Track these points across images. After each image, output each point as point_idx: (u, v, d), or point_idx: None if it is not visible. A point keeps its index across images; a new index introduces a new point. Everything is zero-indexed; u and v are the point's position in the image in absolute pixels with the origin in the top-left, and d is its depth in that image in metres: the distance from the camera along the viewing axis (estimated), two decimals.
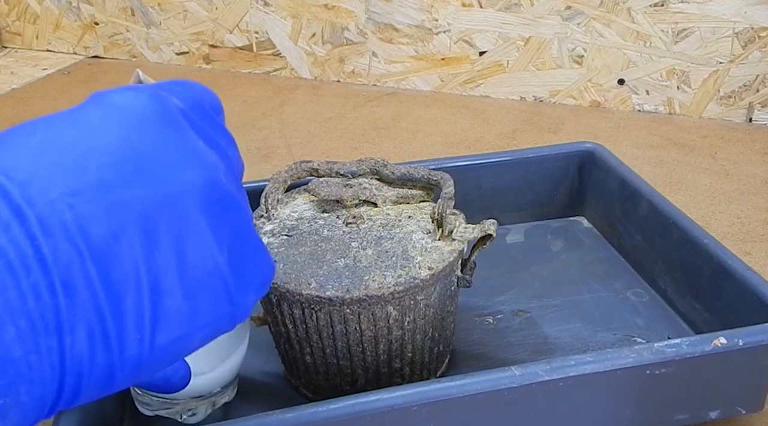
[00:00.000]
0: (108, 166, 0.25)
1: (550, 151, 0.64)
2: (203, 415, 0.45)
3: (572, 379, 0.39)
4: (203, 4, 1.02)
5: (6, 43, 1.14)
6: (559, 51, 0.90)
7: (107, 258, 0.24)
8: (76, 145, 0.25)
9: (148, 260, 0.25)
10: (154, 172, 0.26)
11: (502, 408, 0.39)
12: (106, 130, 0.26)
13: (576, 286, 0.57)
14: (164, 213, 0.26)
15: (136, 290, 0.25)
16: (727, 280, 0.48)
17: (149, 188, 0.25)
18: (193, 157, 0.27)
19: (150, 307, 0.25)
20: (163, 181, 0.26)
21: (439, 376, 0.48)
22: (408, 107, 0.93)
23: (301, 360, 0.45)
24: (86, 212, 0.24)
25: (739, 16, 0.82)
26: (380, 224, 0.46)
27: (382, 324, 0.42)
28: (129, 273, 0.24)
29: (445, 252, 0.43)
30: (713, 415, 0.43)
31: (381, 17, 0.95)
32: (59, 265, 0.23)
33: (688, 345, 0.40)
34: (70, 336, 0.23)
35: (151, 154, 0.26)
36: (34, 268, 0.22)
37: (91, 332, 0.24)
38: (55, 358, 0.23)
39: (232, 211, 0.28)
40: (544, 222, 0.66)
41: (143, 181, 0.25)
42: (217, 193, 0.27)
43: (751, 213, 0.69)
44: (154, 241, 0.25)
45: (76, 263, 0.23)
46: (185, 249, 0.26)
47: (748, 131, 0.85)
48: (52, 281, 0.23)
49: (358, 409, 0.37)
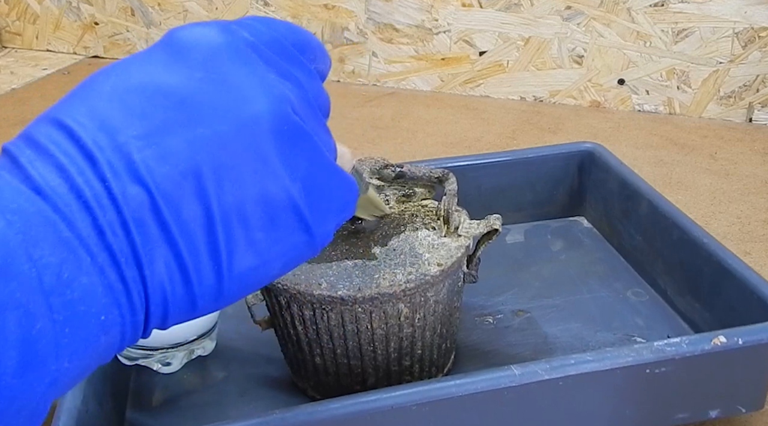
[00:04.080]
0: (173, 107, 0.26)
1: (550, 151, 0.64)
2: (179, 365, 0.47)
3: (572, 378, 0.39)
4: (203, 4, 1.02)
5: (6, 43, 1.14)
6: (559, 51, 0.90)
7: (176, 196, 0.25)
8: (145, 88, 0.26)
9: (219, 195, 0.26)
10: (219, 108, 0.26)
11: (502, 407, 0.39)
12: (173, 69, 0.26)
13: (576, 286, 0.57)
14: (231, 149, 0.26)
15: (208, 225, 0.26)
16: (727, 279, 0.48)
17: (215, 126, 0.26)
18: (259, 90, 0.27)
19: (224, 240, 0.26)
20: (228, 117, 0.26)
21: (446, 372, 0.48)
22: (408, 107, 0.93)
23: (311, 362, 0.45)
24: (153, 154, 0.25)
25: (739, 16, 0.82)
26: (385, 223, 0.46)
27: (393, 322, 0.42)
28: (199, 209, 0.25)
29: (452, 248, 0.43)
30: (713, 414, 0.43)
31: (381, 17, 0.95)
32: (129, 204, 0.24)
33: (688, 344, 0.40)
34: (149, 268, 0.25)
35: (217, 90, 0.26)
36: (108, 207, 0.24)
37: (168, 265, 0.25)
38: (140, 287, 0.25)
39: (302, 142, 0.28)
40: (544, 222, 0.66)
41: (208, 118, 0.26)
42: (286, 125, 0.27)
43: (751, 213, 0.69)
44: (223, 176, 0.26)
45: (145, 203, 0.24)
46: (255, 182, 0.27)
47: (748, 131, 0.85)
48: (125, 219, 0.24)
49: (358, 408, 0.37)
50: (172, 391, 0.48)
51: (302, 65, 0.30)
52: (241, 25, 0.29)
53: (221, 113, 0.26)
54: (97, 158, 0.24)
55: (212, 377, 0.49)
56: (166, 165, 0.25)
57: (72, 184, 0.24)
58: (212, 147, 0.26)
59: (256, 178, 0.27)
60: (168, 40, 0.28)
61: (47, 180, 0.23)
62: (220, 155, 0.26)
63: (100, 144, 0.24)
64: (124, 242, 0.24)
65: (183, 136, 0.25)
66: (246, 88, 0.27)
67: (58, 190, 0.23)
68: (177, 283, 0.26)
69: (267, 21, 0.30)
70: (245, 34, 0.29)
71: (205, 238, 0.26)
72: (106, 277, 0.24)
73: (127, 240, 0.24)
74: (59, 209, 0.23)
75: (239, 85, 0.27)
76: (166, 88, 0.26)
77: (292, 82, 0.29)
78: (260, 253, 0.27)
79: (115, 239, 0.24)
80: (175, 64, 0.27)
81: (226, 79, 0.27)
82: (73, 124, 0.25)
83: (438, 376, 0.47)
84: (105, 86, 0.26)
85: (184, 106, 0.26)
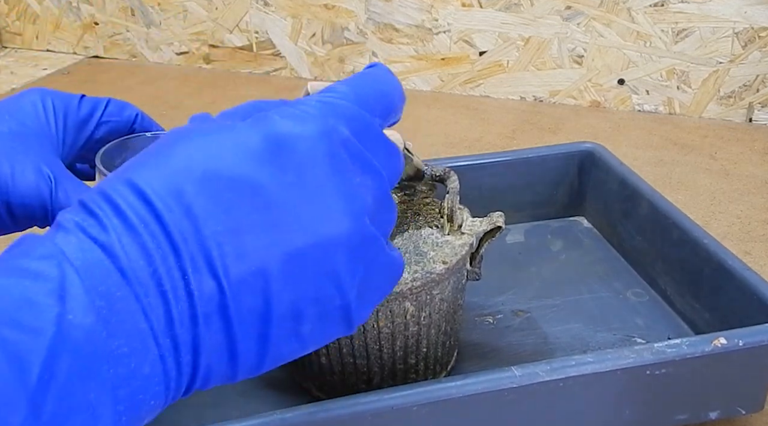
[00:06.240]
0: (259, 208, 0.26)
1: (550, 151, 0.64)
2: None
3: (572, 379, 0.39)
4: (203, 4, 1.02)
5: (6, 43, 1.14)
6: (559, 51, 0.90)
7: (243, 293, 0.25)
8: (237, 181, 0.26)
9: (280, 296, 0.26)
10: (303, 218, 0.27)
11: (503, 408, 0.39)
12: (266, 167, 0.26)
13: (576, 286, 0.57)
14: (305, 258, 0.27)
15: (265, 319, 0.26)
16: (727, 280, 0.48)
17: (295, 234, 0.26)
18: (343, 205, 0.28)
19: (275, 333, 0.27)
20: (309, 230, 0.27)
21: (449, 369, 0.48)
22: (408, 107, 0.92)
23: (316, 361, 0.45)
24: (232, 252, 0.25)
25: (739, 16, 0.82)
26: None
27: (400, 320, 0.42)
28: (260, 305, 0.26)
29: (456, 246, 0.43)
30: (713, 416, 0.43)
31: (381, 17, 0.95)
32: (203, 299, 0.25)
33: (688, 345, 0.40)
34: (205, 357, 0.25)
35: (304, 200, 0.27)
36: (183, 300, 0.24)
37: (220, 352, 0.26)
38: (190, 370, 0.25)
39: (370, 249, 0.29)
40: (544, 222, 0.66)
41: (291, 226, 0.26)
42: (360, 238, 0.28)
43: (751, 213, 0.69)
44: (290, 281, 0.26)
45: (215, 298, 0.25)
46: (317, 288, 0.27)
47: (748, 131, 0.85)
48: (195, 313, 0.25)
49: (358, 409, 0.37)
50: None
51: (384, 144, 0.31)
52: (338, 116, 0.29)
53: (303, 224, 0.27)
54: (180, 249, 0.24)
55: None
56: (241, 265, 0.25)
57: (154, 271, 0.24)
58: (287, 253, 0.26)
59: (320, 284, 0.27)
60: (265, 128, 0.27)
61: (132, 262, 0.24)
62: (292, 262, 0.26)
63: (185, 234, 0.25)
64: (188, 333, 0.25)
65: (263, 240, 0.26)
66: (331, 203, 0.27)
67: (140, 275, 0.24)
68: (223, 364, 0.26)
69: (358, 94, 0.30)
70: (342, 131, 0.28)
71: (258, 330, 0.26)
72: (166, 364, 0.24)
73: (192, 332, 0.25)
74: (139, 298, 0.23)
75: (325, 198, 0.27)
76: (257, 186, 0.26)
77: (373, 176, 0.29)
78: (303, 342, 0.28)
79: (181, 330, 0.24)
80: (270, 162, 0.27)
81: (315, 190, 0.27)
82: (159, 202, 0.25)
83: (441, 373, 0.48)
84: (194, 164, 0.26)
85: (269, 207, 0.26)
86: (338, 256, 0.27)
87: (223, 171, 0.26)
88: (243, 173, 0.26)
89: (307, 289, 0.27)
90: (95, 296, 0.22)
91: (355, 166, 0.29)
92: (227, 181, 0.26)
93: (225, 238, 0.25)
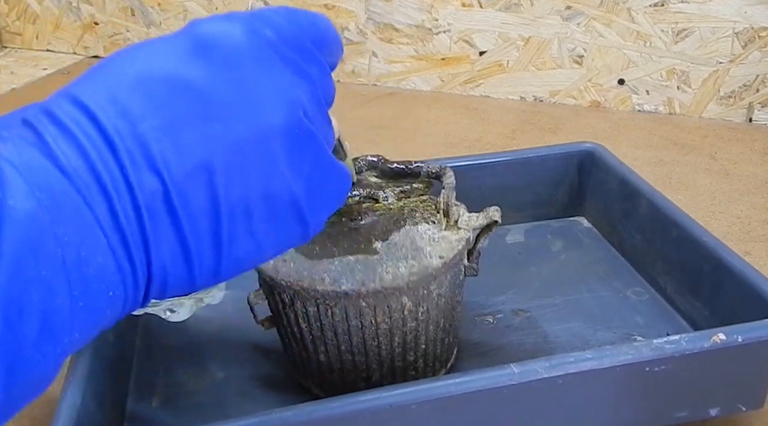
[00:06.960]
0: (194, 102, 0.27)
1: (550, 151, 0.64)
2: (187, 314, 0.46)
3: (571, 376, 0.39)
4: (203, 4, 1.02)
5: (6, 43, 1.14)
6: (559, 51, 0.90)
7: (187, 188, 0.26)
8: (167, 79, 0.27)
9: (226, 190, 0.27)
10: (237, 110, 0.28)
11: (502, 405, 0.39)
12: (196, 64, 0.27)
13: (576, 285, 0.57)
14: (244, 149, 0.27)
15: (214, 216, 0.27)
16: (727, 277, 0.48)
17: (232, 126, 0.27)
18: (275, 96, 0.29)
19: (227, 230, 0.28)
20: (244, 120, 0.28)
21: (449, 367, 0.48)
22: (408, 107, 0.93)
23: (315, 359, 0.45)
24: (170, 146, 0.26)
25: (739, 16, 0.82)
26: (384, 218, 0.46)
27: (397, 316, 0.42)
28: (207, 201, 0.27)
29: (452, 241, 0.43)
30: (713, 413, 0.43)
31: (381, 17, 0.95)
32: (144, 192, 0.26)
33: (688, 341, 0.40)
34: (155, 251, 0.26)
35: (236, 92, 0.28)
36: (124, 193, 0.25)
37: (172, 248, 0.27)
38: (145, 267, 0.26)
39: (309, 144, 0.30)
40: (544, 222, 0.66)
41: (226, 118, 0.27)
42: (297, 130, 0.29)
43: (751, 213, 0.69)
44: (232, 173, 0.27)
45: (158, 192, 0.26)
46: (262, 181, 0.28)
47: (748, 131, 0.85)
48: (138, 206, 0.25)
49: (358, 407, 0.37)
50: (172, 391, 0.48)
51: (317, 61, 0.31)
52: (264, 21, 0.30)
53: (238, 115, 0.27)
54: (117, 145, 0.25)
55: (212, 377, 0.49)
56: (181, 158, 0.26)
57: (92, 168, 0.25)
58: (226, 146, 0.27)
59: (263, 177, 0.28)
60: (192, 31, 0.28)
61: (70, 160, 0.24)
62: (232, 154, 0.27)
63: (120, 131, 0.25)
64: (135, 226, 0.26)
65: (200, 132, 0.27)
66: (264, 94, 0.28)
67: (79, 171, 0.25)
68: (179, 265, 0.27)
69: (289, 14, 0.31)
70: (268, 32, 0.29)
71: (209, 227, 0.27)
72: (117, 257, 0.25)
73: (138, 225, 0.26)
74: (80, 191, 0.24)
75: (258, 89, 0.28)
76: (188, 82, 0.27)
77: (306, 80, 0.30)
78: (258, 242, 0.29)
79: (127, 223, 0.25)
80: (199, 59, 0.28)
81: (246, 82, 0.28)
82: (95, 107, 0.26)
83: (441, 371, 0.48)
84: (128, 71, 0.27)
85: (203, 102, 0.27)
86: (277, 146, 0.28)
87: (155, 72, 0.27)
88: (174, 72, 0.27)
89: (252, 184, 0.28)
90: (35, 188, 0.23)
91: (286, 66, 0.29)
92: (159, 81, 0.27)
93: (162, 133, 0.26)
